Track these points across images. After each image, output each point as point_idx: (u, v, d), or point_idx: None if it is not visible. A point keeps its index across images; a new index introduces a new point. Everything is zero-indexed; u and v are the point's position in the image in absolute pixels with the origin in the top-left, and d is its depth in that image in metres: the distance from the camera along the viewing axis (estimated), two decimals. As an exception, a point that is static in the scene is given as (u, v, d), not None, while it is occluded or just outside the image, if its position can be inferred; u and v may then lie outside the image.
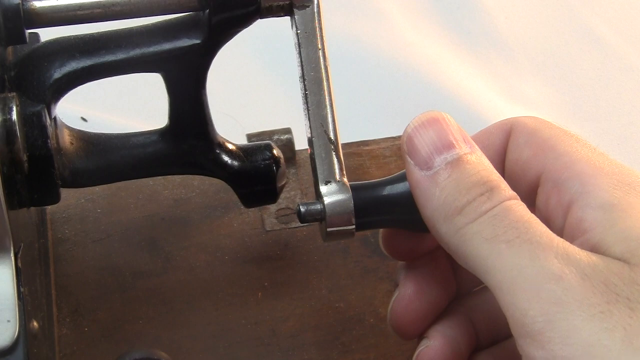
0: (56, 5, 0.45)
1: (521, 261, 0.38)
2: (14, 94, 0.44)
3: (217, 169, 0.51)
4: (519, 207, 0.40)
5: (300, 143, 0.59)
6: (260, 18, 0.47)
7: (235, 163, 0.50)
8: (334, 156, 0.47)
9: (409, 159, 0.43)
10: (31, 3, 0.44)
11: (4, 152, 0.42)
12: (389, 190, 0.45)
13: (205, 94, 0.49)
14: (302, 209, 0.45)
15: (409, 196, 0.43)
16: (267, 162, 0.51)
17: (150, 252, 0.54)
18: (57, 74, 0.46)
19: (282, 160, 0.51)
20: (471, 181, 0.41)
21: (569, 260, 0.38)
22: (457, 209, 0.40)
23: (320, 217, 0.45)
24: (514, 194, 0.41)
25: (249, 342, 0.51)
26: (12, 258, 0.41)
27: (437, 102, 0.55)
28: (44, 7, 0.45)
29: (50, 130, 0.45)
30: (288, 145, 0.57)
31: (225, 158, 0.50)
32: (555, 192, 0.43)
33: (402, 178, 0.45)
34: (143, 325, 0.51)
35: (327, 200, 0.45)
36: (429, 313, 0.47)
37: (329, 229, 0.45)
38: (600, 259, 0.38)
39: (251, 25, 0.47)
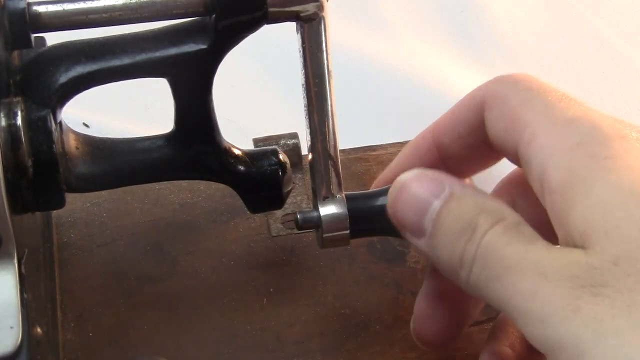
0: (62, 10, 0.45)
1: (507, 293, 0.39)
2: (19, 98, 0.44)
3: (223, 175, 0.50)
4: (494, 239, 0.40)
5: (307, 148, 0.59)
6: (267, 23, 0.47)
7: (241, 168, 0.50)
8: (333, 172, 0.49)
9: (403, 231, 0.44)
10: (37, 7, 0.44)
11: (8, 157, 0.42)
12: (382, 200, 0.47)
13: (211, 99, 0.48)
14: (300, 217, 0.49)
15: None
16: (273, 167, 0.50)
17: (156, 257, 0.54)
18: (63, 78, 0.46)
19: (288, 166, 0.51)
20: (457, 231, 0.41)
21: (539, 272, 0.38)
22: (458, 264, 0.41)
23: (316, 224, 0.49)
24: (493, 219, 0.41)
25: (254, 348, 0.51)
26: (16, 264, 0.40)
27: (441, 107, 0.54)
28: (49, 11, 0.44)
29: (55, 135, 0.45)
30: (294, 150, 0.56)
31: (231, 163, 0.50)
32: (527, 172, 0.42)
33: None
34: (148, 330, 0.51)
35: (323, 210, 0.49)
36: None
37: (325, 235, 0.48)
38: (563, 254, 0.38)
39: (258, 30, 0.47)
